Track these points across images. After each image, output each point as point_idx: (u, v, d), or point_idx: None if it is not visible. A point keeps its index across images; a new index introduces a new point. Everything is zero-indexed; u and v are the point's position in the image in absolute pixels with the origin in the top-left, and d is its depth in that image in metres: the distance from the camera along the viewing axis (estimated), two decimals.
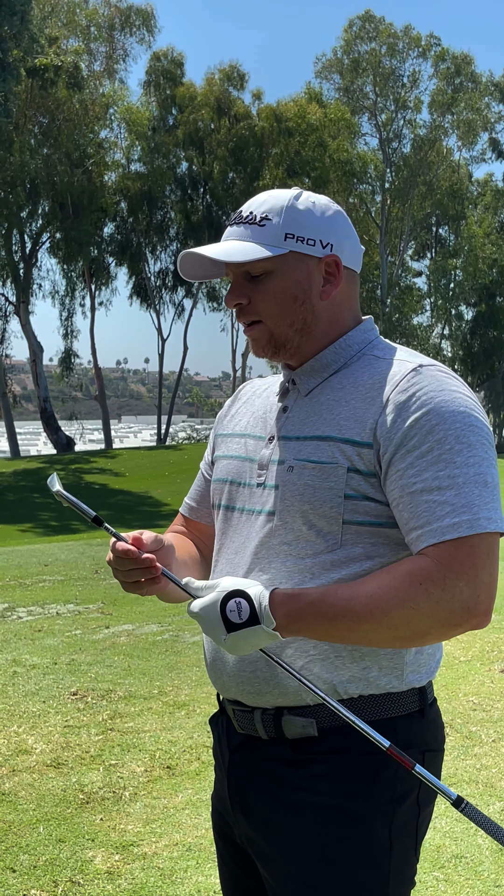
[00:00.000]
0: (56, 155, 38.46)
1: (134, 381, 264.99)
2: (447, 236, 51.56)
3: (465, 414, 1.69)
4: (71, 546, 12.60)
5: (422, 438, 1.67)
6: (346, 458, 1.72)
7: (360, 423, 1.73)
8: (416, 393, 1.70)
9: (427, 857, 3.64)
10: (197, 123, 42.91)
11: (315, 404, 1.82)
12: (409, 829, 1.77)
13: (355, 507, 1.71)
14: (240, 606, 1.64)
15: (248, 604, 1.64)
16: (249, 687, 1.80)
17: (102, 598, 8.61)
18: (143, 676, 6.03)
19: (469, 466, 1.65)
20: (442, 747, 1.86)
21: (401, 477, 1.67)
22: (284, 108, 43.12)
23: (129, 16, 42.06)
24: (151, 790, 4.31)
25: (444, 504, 1.64)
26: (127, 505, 22.24)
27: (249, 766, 1.84)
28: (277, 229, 1.79)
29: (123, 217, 44.18)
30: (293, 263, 1.80)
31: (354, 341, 1.86)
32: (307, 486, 1.74)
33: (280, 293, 1.81)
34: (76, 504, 1.82)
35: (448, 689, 5.72)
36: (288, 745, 1.78)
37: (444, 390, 1.70)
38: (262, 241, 1.79)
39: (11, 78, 30.79)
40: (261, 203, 1.82)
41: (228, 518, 1.91)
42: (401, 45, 45.58)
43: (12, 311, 42.06)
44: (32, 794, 4.27)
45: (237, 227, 1.82)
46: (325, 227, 1.83)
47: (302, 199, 1.83)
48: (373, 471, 1.71)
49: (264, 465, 1.84)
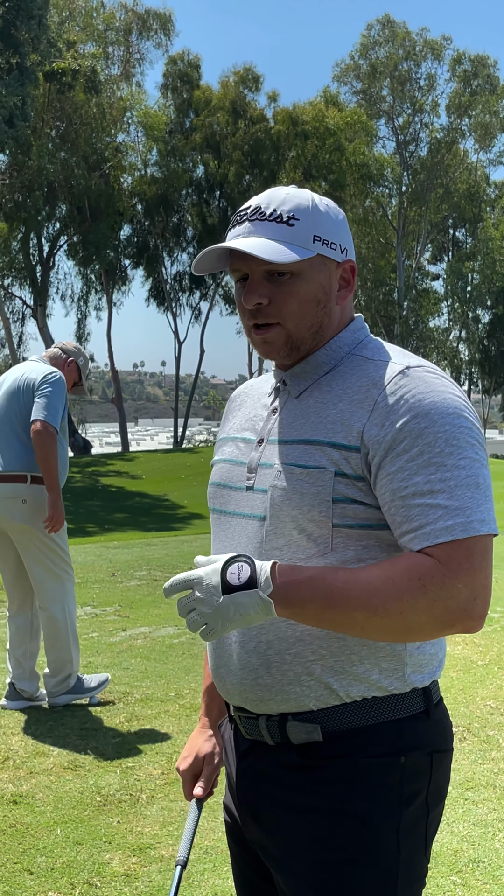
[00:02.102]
0: (73, 158, 38.56)
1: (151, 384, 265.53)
2: (464, 239, 51.49)
3: (454, 415, 1.67)
4: (88, 549, 12.62)
5: (411, 442, 1.66)
6: (332, 463, 1.71)
7: (347, 427, 1.72)
8: (404, 395, 1.69)
9: (444, 862, 3.64)
10: (213, 126, 42.96)
11: (304, 407, 1.81)
12: (417, 831, 1.77)
13: (344, 511, 1.71)
14: (241, 569, 1.63)
15: (249, 568, 1.63)
16: (252, 694, 1.79)
17: (119, 601, 8.62)
18: (160, 679, 6.03)
19: (460, 469, 1.64)
20: (450, 747, 1.84)
21: (391, 481, 1.67)
22: (301, 111, 43.13)
23: (147, 20, 42.18)
24: (168, 793, 4.32)
25: (437, 507, 1.63)
26: (143, 507, 22.26)
27: (257, 771, 1.84)
28: (307, 230, 1.77)
29: (140, 220, 44.29)
30: (318, 266, 1.79)
31: (344, 342, 1.84)
32: (295, 490, 1.73)
33: (304, 296, 1.78)
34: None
35: (465, 692, 5.70)
36: (293, 750, 1.77)
37: (433, 392, 1.69)
38: (291, 241, 1.76)
39: (29, 82, 30.89)
40: (282, 200, 1.79)
41: (220, 522, 1.91)
42: (417, 49, 45.52)
43: (30, 313, 42.20)
44: (50, 797, 4.28)
45: (260, 224, 1.78)
46: (340, 231, 1.83)
47: (318, 200, 1.82)
48: (360, 475, 1.70)
49: (253, 468, 1.84)
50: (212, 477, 1.97)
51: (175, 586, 1.67)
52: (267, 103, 44.66)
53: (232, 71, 44.57)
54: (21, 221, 39.45)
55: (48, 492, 5.19)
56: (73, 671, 5.46)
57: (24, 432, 5.29)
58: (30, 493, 5.29)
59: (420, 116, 46.85)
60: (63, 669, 5.44)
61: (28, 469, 5.29)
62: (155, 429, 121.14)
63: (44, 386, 5.27)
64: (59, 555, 5.39)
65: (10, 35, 30.12)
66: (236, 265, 1.81)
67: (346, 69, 46.62)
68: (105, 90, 39.05)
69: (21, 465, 5.30)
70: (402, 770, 1.71)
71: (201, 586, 1.65)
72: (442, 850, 3.71)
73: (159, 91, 44.17)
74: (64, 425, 5.39)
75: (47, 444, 5.14)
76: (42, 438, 5.14)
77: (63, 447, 5.39)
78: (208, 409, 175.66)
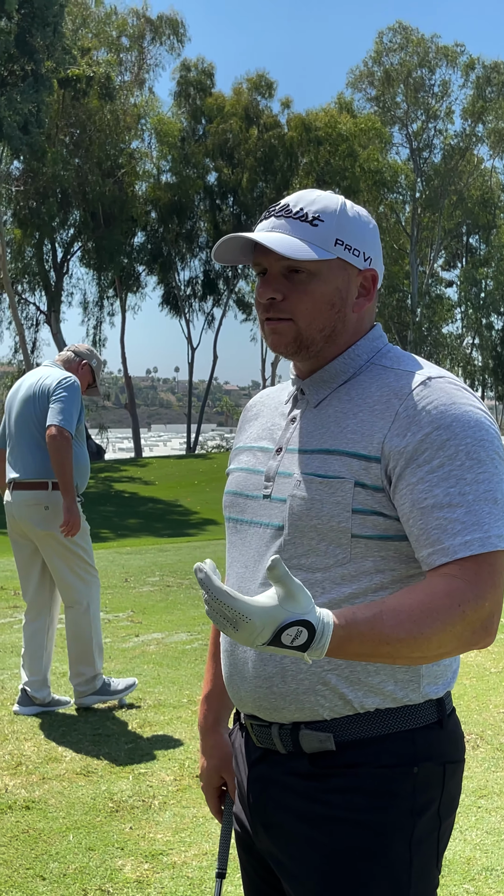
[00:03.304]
0: (87, 165, 38.72)
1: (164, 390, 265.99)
2: (478, 245, 51.44)
3: (476, 428, 1.67)
4: (101, 554, 12.64)
5: (432, 454, 1.65)
6: (352, 473, 1.71)
7: (367, 437, 1.72)
8: (427, 407, 1.68)
9: (457, 870, 3.62)
10: (226, 133, 43.04)
11: (323, 416, 1.80)
12: (429, 842, 1.76)
13: (363, 522, 1.70)
14: (299, 634, 1.50)
15: (308, 636, 1.51)
16: (266, 703, 1.78)
17: (132, 607, 8.63)
18: (173, 685, 6.03)
19: (479, 483, 1.64)
20: (462, 758, 1.84)
21: (411, 492, 1.66)
22: (314, 118, 43.18)
23: (160, 26, 42.32)
24: (181, 799, 4.31)
25: (455, 522, 1.63)
26: (156, 513, 22.29)
27: (268, 779, 1.83)
28: (329, 232, 1.77)
29: (154, 226, 44.38)
30: (337, 270, 1.79)
31: (363, 350, 1.84)
32: (315, 500, 1.73)
33: (319, 296, 1.78)
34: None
35: (479, 700, 5.69)
36: (306, 758, 1.76)
37: (455, 404, 1.69)
38: (312, 240, 1.76)
39: (44, 89, 31.04)
40: (311, 201, 1.80)
41: (236, 530, 1.90)
42: (431, 56, 45.53)
43: (43, 319, 42.35)
44: (62, 802, 4.28)
45: (285, 221, 1.79)
46: (368, 239, 1.82)
47: (349, 206, 1.82)
48: (380, 485, 1.70)
49: (271, 476, 1.83)
50: (227, 485, 1.96)
51: (212, 606, 1.50)
52: (280, 110, 44.73)
53: (245, 77, 44.69)
54: (35, 228, 39.62)
55: (63, 496, 5.22)
56: (96, 672, 5.48)
57: (42, 439, 5.33)
58: (51, 500, 5.34)
59: (434, 123, 46.85)
60: (86, 671, 5.47)
61: (48, 476, 5.33)
62: (168, 434, 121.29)
63: (58, 391, 5.30)
64: (84, 558, 5.44)
65: (25, 42, 30.28)
66: (258, 258, 1.82)
67: (360, 76, 46.68)
68: (119, 97, 39.19)
69: (41, 471, 5.35)
70: (414, 780, 1.70)
71: (245, 626, 1.49)
72: (455, 857, 3.69)
73: (172, 98, 44.26)
74: (81, 430, 5.41)
75: (62, 449, 5.17)
76: (57, 443, 5.17)
77: (81, 452, 5.42)
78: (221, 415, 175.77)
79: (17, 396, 5.50)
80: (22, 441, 5.41)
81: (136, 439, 46.26)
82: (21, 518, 5.39)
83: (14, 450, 5.46)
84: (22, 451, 5.40)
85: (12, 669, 6.41)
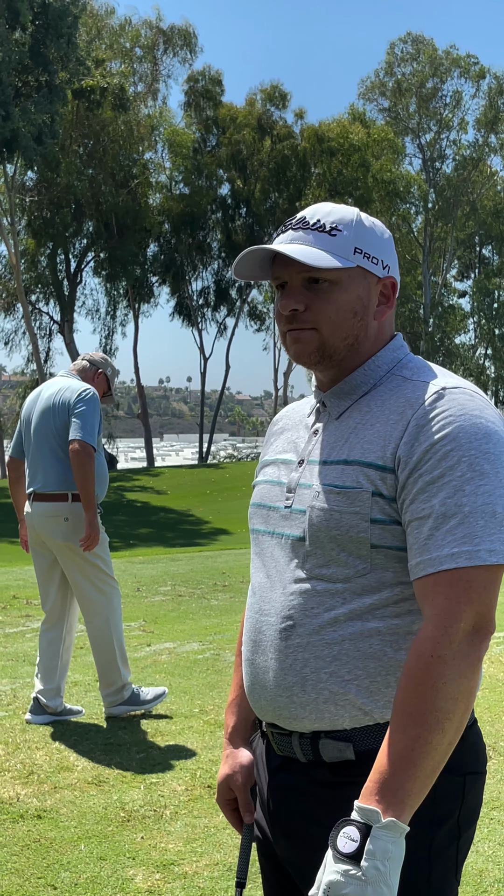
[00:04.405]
0: (101, 175, 38.87)
1: (176, 400, 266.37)
2: (491, 256, 51.40)
3: (482, 440, 1.66)
4: (113, 563, 12.66)
5: (435, 464, 1.65)
6: (370, 483, 1.71)
7: (383, 448, 1.72)
8: (436, 416, 1.68)
9: (469, 881, 3.61)
10: (239, 144, 43.16)
11: (344, 428, 1.81)
12: (448, 853, 1.75)
13: (382, 532, 1.70)
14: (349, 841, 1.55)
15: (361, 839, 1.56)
16: (286, 712, 1.79)
17: (144, 616, 8.63)
18: (185, 695, 6.03)
19: (478, 496, 1.62)
20: (483, 770, 1.83)
21: (412, 501, 1.67)
22: (327, 128, 43.26)
23: (172, 37, 42.49)
24: (192, 809, 4.31)
25: (447, 533, 1.62)
26: (168, 523, 22.30)
27: (288, 787, 1.84)
28: (348, 242, 1.79)
29: (167, 237, 44.50)
30: (357, 278, 1.80)
31: (384, 361, 1.85)
32: (334, 511, 1.73)
33: (342, 305, 1.79)
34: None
35: (491, 711, 5.67)
36: (325, 767, 1.77)
37: (465, 414, 1.68)
38: (332, 250, 1.78)
39: (58, 100, 31.20)
40: (327, 213, 1.82)
41: (259, 541, 1.92)
42: (443, 67, 45.59)
43: (57, 329, 42.47)
44: (74, 812, 4.28)
45: (304, 233, 1.80)
46: (385, 248, 1.84)
47: (364, 217, 1.84)
48: (395, 496, 1.70)
49: (292, 488, 1.84)
50: (252, 498, 1.98)
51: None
52: (294, 120, 44.84)
53: (259, 89, 44.81)
54: (49, 238, 39.78)
55: (85, 511, 5.24)
56: (124, 682, 5.50)
57: (62, 451, 5.35)
58: (71, 511, 5.36)
59: (446, 133, 46.90)
60: (113, 682, 5.49)
61: (68, 488, 5.36)
62: (180, 444, 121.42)
63: (79, 404, 5.32)
64: (103, 569, 5.47)
65: (39, 53, 30.45)
66: (277, 272, 1.83)
67: (372, 86, 46.76)
68: (132, 107, 39.36)
69: (61, 483, 5.37)
70: (434, 791, 1.69)
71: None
72: (467, 869, 3.68)
73: (182, 108, 44.44)
74: (100, 441, 5.44)
75: (86, 464, 5.20)
76: (80, 458, 5.19)
77: (100, 462, 5.44)
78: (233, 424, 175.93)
79: (35, 407, 5.51)
80: (42, 453, 5.42)
81: (149, 449, 46.33)
82: (41, 529, 5.41)
83: (34, 461, 5.47)
84: (42, 462, 5.42)
85: (24, 678, 6.42)
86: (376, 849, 1.52)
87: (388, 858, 1.52)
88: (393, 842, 1.53)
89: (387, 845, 1.52)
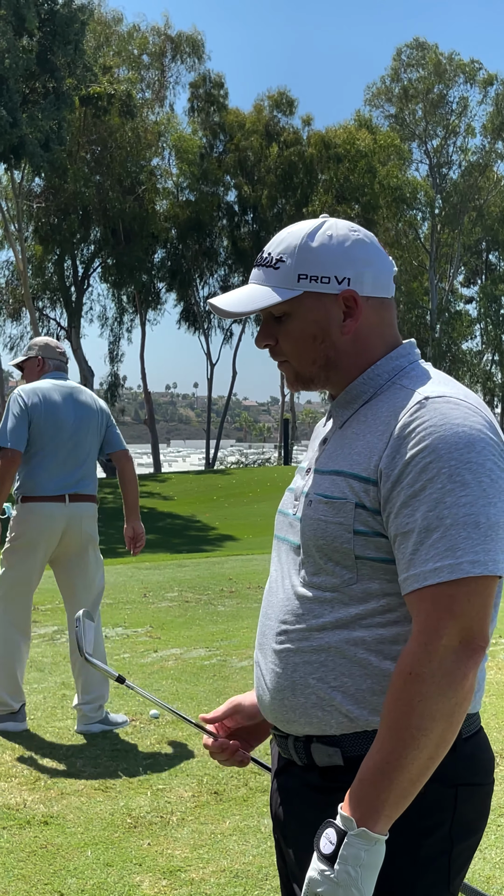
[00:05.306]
0: (108, 182, 38.93)
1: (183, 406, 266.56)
2: (497, 262, 51.39)
3: (463, 450, 1.63)
4: (119, 569, 12.65)
5: (416, 476, 1.64)
6: (354, 494, 1.72)
7: (367, 459, 1.72)
8: (416, 428, 1.66)
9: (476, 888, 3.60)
10: (246, 151, 43.22)
11: (343, 437, 1.82)
12: (438, 864, 1.74)
13: (366, 543, 1.71)
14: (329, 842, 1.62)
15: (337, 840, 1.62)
16: (280, 715, 1.82)
17: (150, 622, 8.63)
18: (191, 701, 6.03)
19: (459, 507, 1.61)
20: (484, 781, 1.80)
21: (396, 516, 1.66)
22: (333, 135, 43.30)
23: (180, 44, 42.58)
24: (199, 815, 4.31)
25: (430, 547, 1.61)
26: (175, 528, 22.31)
27: (288, 789, 1.87)
28: (290, 271, 1.79)
29: (173, 243, 44.55)
30: (309, 304, 1.79)
31: (384, 370, 1.83)
32: (321, 520, 1.75)
33: (299, 334, 1.81)
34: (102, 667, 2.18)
35: (498, 717, 5.65)
36: (317, 771, 1.79)
37: (445, 425, 1.65)
38: (277, 283, 1.79)
39: (65, 106, 31.27)
40: (279, 243, 1.83)
41: (275, 547, 1.96)
42: (448, 73, 45.62)
43: (64, 335, 42.53)
44: (80, 818, 4.28)
45: (257, 270, 1.84)
46: (340, 261, 1.79)
47: (319, 233, 1.80)
48: (377, 508, 1.70)
49: (298, 496, 1.87)
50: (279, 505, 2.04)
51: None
52: (301, 126, 44.87)
53: (266, 95, 44.86)
54: (56, 244, 39.85)
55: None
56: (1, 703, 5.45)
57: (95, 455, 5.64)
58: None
59: (453, 139, 46.91)
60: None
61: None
62: (187, 450, 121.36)
63: (110, 416, 5.73)
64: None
65: (46, 60, 30.52)
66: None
67: (378, 93, 46.80)
68: (139, 114, 39.44)
69: (96, 486, 5.66)
70: (420, 801, 1.67)
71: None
72: (474, 876, 3.67)
73: (186, 115, 44.50)
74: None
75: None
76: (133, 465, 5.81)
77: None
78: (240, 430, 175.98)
79: (66, 408, 5.49)
80: (89, 456, 5.57)
81: (156, 455, 46.35)
82: (88, 529, 5.56)
83: (75, 461, 5.51)
84: (90, 465, 5.58)
85: (31, 684, 6.42)
86: (349, 854, 1.58)
87: (360, 865, 1.57)
88: (365, 850, 1.58)
89: (359, 852, 1.58)
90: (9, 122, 27.66)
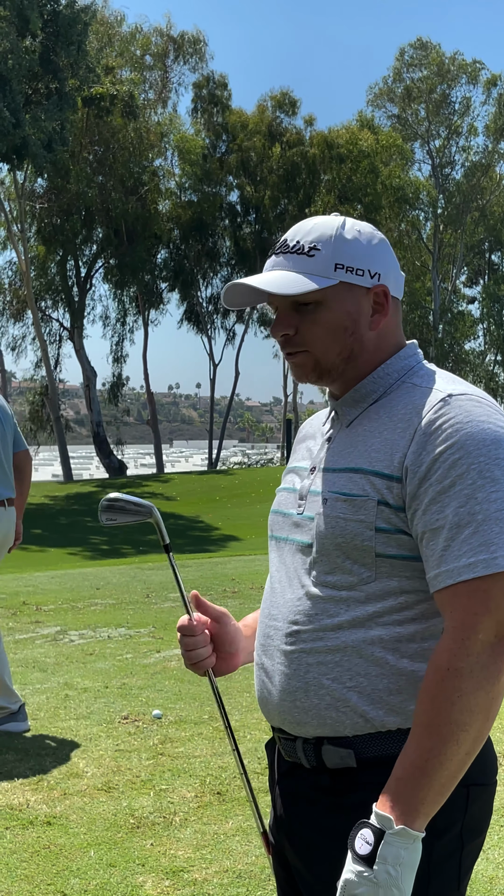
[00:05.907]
0: (111, 182, 38.93)
1: (186, 406, 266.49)
2: (500, 262, 51.35)
3: (491, 446, 1.65)
4: (122, 570, 12.66)
5: (444, 473, 1.64)
6: (376, 491, 1.71)
7: (390, 456, 1.72)
8: (442, 425, 1.67)
9: (480, 889, 3.60)
10: (248, 151, 43.20)
11: (353, 436, 1.82)
12: (449, 864, 1.74)
13: (387, 541, 1.70)
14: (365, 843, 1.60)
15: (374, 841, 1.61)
16: (290, 717, 1.80)
17: (154, 622, 8.63)
18: (194, 701, 6.03)
19: (491, 502, 1.61)
20: (490, 781, 1.81)
21: (424, 512, 1.66)
22: (336, 135, 43.28)
23: (182, 44, 42.58)
24: (202, 816, 4.31)
25: (462, 543, 1.61)
26: (178, 529, 22.30)
27: (294, 793, 1.85)
28: (327, 260, 1.78)
29: (176, 243, 44.53)
30: (343, 294, 1.79)
31: (394, 369, 1.84)
32: (339, 518, 1.74)
33: (330, 324, 1.80)
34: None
35: (500, 718, 5.65)
36: (327, 774, 1.77)
37: (472, 421, 1.67)
38: (311, 271, 1.77)
39: (68, 107, 31.26)
40: (307, 232, 1.81)
41: (276, 548, 1.94)
42: (452, 73, 45.58)
43: (66, 335, 42.53)
44: (83, 818, 4.28)
45: (284, 258, 1.81)
46: (372, 256, 1.81)
47: (348, 227, 1.82)
48: (402, 505, 1.69)
49: (303, 495, 1.86)
50: (273, 505, 2.01)
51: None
52: (304, 127, 44.86)
53: (269, 95, 44.85)
54: (59, 244, 39.84)
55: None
56: None
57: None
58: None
59: (456, 140, 46.88)
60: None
61: None
62: (190, 450, 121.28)
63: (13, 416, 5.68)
64: None
65: (49, 61, 30.52)
66: (270, 298, 1.86)
67: (381, 93, 46.77)
68: (142, 115, 39.43)
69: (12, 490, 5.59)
70: None
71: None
72: (477, 877, 3.67)
73: (189, 115, 44.50)
74: None
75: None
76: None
77: None
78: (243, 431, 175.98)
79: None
80: (7, 459, 5.55)
81: (158, 455, 46.34)
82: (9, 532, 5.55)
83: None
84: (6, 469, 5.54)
85: (34, 685, 6.43)
86: (388, 854, 1.56)
87: (400, 864, 1.56)
88: (405, 848, 1.56)
89: (399, 851, 1.56)
90: (12, 122, 27.66)
